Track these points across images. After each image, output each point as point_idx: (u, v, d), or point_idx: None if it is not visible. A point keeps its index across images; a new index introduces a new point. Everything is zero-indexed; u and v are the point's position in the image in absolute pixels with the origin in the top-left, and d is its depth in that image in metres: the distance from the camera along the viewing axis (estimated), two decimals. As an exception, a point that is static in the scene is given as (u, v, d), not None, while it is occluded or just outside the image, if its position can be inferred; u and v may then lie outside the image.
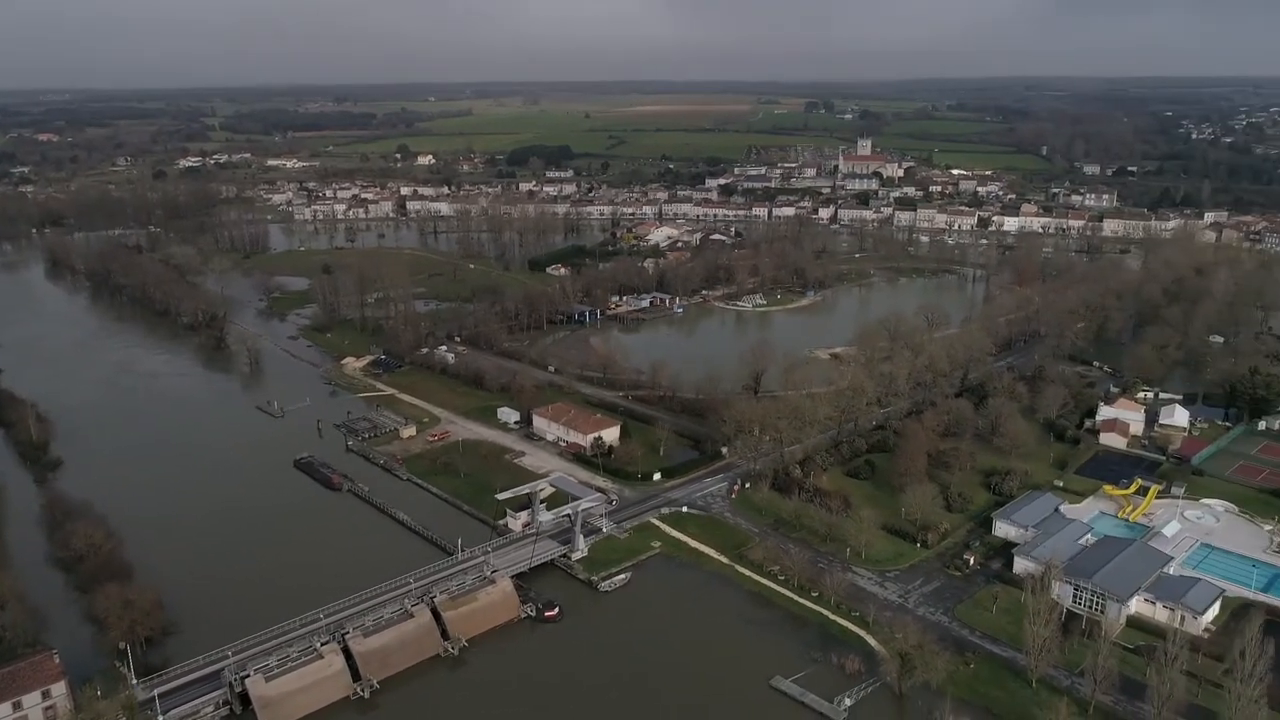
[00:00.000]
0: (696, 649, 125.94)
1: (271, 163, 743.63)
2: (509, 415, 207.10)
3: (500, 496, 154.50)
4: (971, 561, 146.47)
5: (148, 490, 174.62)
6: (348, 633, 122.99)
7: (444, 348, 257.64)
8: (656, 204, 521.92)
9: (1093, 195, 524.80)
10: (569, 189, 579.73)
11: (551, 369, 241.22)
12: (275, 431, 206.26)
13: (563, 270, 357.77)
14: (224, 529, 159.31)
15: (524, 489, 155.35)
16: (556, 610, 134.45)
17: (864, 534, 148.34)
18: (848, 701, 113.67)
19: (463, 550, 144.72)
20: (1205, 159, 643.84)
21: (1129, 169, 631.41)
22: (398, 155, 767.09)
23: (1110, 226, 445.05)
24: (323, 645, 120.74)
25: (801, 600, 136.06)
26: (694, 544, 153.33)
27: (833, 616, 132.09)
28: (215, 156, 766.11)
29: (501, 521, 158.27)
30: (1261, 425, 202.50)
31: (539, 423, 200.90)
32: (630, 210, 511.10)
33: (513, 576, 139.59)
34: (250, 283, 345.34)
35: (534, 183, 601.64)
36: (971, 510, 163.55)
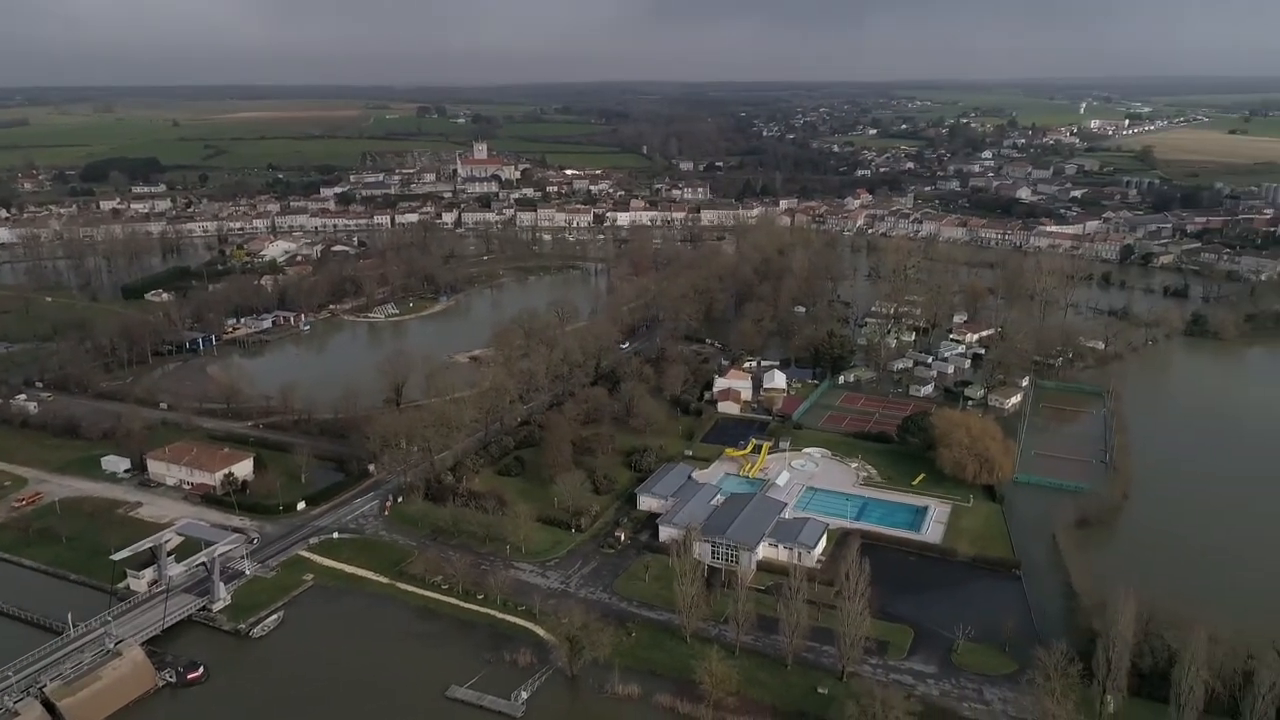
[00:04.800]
0: (366, 676, 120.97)
1: None
2: (117, 464, 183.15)
3: (117, 556, 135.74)
4: (622, 538, 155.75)
5: None
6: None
7: (22, 396, 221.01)
8: (268, 217, 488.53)
9: (690, 189, 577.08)
10: (163, 205, 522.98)
11: (164, 406, 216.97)
12: None
13: (165, 295, 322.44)
14: None
15: (145, 543, 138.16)
16: (201, 670, 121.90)
17: (521, 529, 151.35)
18: (524, 694, 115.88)
19: (75, 626, 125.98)
20: (775, 153, 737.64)
21: (716, 164, 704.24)
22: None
23: (707, 217, 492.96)
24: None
25: (468, 605, 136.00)
26: (350, 569, 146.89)
27: (500, 615, 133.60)
28: None
29: (122, 584, 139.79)
30: (841, 380, 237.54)
31: (156, 467, 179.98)
32: (239, 225, 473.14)
33: (144, 643, 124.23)
34: None
35: (119, 200, 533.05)
36: (618, 489, 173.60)
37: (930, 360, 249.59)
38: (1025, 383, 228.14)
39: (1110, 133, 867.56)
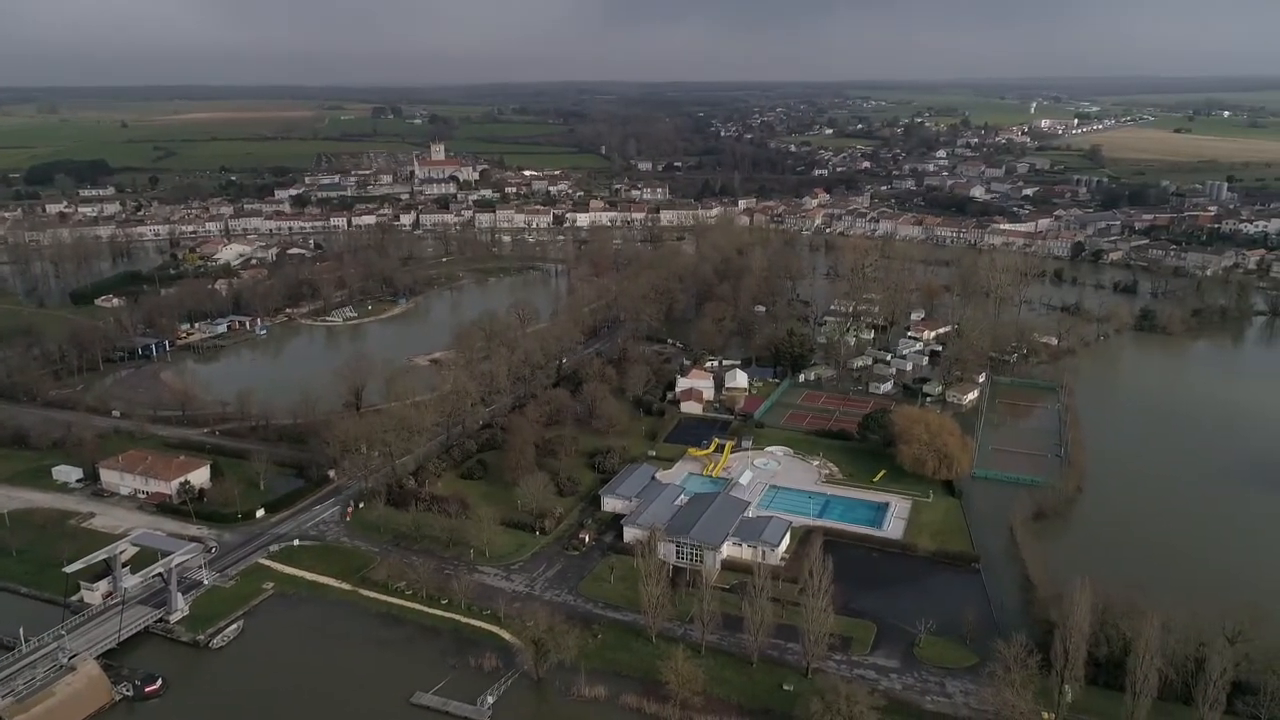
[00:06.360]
0: (328, 684, 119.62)
1: None
2: (69, 474, 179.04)
3: (69, 569, 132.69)
4: (586, 539, 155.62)
5: None
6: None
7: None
8: (221, 219, 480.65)
9: (649, 189, 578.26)
10: (112, 209, 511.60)
11: (117, 413, 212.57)
12: None
13: (116, 300, 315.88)
14: None
15: (99, 554, 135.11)
16: (159, 683, 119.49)
17: (485, 532, 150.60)
18: (490, 699, 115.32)
19: (27, 641, 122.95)
20: (733, 153, 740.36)
21: (675, 164, 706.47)
22: None
23: (666, 217, 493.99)
24: None
25: (432, 610, 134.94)
26: (311, 576, 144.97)
27: (465, 620, 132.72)
28: None
29: (75, 597, 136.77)
30: (801, 378, 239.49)
31: (109, 476, 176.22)
32: (191, 228, 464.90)
33: (99, 656, 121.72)
34: None
35: (65, 203, 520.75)
36: (581, 491, 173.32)
37: (889, 358, 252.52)
38: (982, 379, 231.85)
39: (1060, 132, 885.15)
